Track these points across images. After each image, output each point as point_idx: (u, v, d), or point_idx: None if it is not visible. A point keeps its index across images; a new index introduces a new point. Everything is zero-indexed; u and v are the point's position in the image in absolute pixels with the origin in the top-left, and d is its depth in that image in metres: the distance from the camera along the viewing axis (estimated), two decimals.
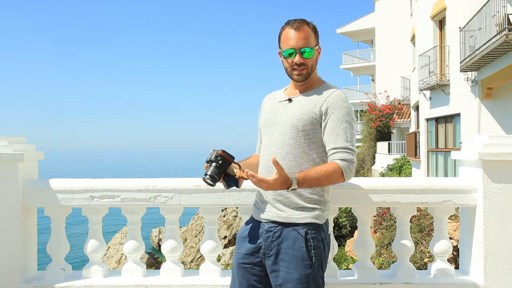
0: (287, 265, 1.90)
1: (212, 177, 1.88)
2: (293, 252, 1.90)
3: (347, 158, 1.88)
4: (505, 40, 8.99)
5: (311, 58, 1.98)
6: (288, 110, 2.01)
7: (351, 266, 5.11)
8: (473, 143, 2.43)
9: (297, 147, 1.94)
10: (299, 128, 1.94)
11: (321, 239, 1.94)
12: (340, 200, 2.40)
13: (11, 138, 2.44)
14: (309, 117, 1.94)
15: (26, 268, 2.50)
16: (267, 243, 1.96)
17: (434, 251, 2.50)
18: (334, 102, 1.94)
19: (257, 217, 2.04)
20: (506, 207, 2.33)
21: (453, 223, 7.63)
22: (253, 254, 2.00)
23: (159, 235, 21.68)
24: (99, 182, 2.47)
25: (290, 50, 1.97)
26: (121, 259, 16.89)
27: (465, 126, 12.50)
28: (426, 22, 15.71)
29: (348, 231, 14.16)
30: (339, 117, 1.92)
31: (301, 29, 1.97)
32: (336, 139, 1.90)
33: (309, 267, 1.89)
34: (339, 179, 1.89)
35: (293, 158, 1.94)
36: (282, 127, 1.99)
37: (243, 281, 2.02)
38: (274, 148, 1.99)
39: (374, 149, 24.37)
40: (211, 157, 1.89)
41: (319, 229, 1.95)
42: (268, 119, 2.08)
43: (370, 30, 30.68)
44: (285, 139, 1.96)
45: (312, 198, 1.94)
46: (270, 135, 2.03)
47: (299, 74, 1.99)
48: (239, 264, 2.03)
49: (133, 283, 2.46)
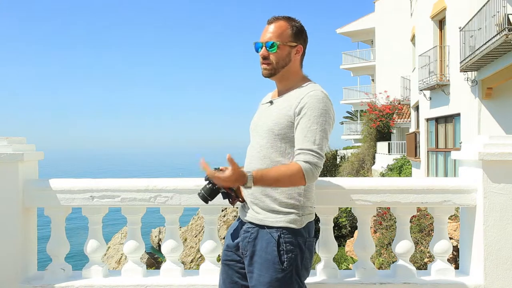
0: (259, 267, 1.88)
1: (204, 197, 1.86)
2: (265, 255, 1.87)
3: (310, 161, 1.80)
4: (505, 40, 8.99)
5: (276, 53, 1.93)
6: (268, 114, 1.99)
7: (351, 266, 5.11)
8: (473, 143, 2.43)
9: (274, 151, 1.92)
10: (275, 132, 1.91)
11: (297, 244, 1.89)
12: (340, 200, 2.40)
13: (11, 138, 2.44)
14: (285, 121, 1.90)
15: (26, 268, 2.50)
16: (244, 243, 1.95)
17: (434, 251, 2.50)
18: (308, 102, 1.86)
19: (240, 216, 2.06)
20: (506, 207, 2.33)
21: (453, 223, 7.63)
22: (235, 252, 2.01)
23: (159, 235, 21.69)
24: (99, 182, 2.47)
25: (258, 43, 1.95)
26: (121, 259, 16.90)
27: (465, 126, 12.50)
28: (426, 22, 15.71)
29: (348, 231, 14.17)
30: (310, 118, 1.85)
31: (273, 23, 1.94)
32: (303, 140, 1.84)
33: (280, 272, 1.85)
34: (299, 181, 1.82)
35: (269, 161, 1.91)
36: (261, 130, 1.97)
37: (226, 278, 2.03)
38: (253, 151, 1.98)
39: (374, 149, 24.38)
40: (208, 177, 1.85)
41: (295, 234, 1.90)
42: (253, 122, 2.08)
43: (370, 30, 30.67)
44: (263, 143, 1.94)
45: (287, 203, 1.90)
46: (253, 138, 2.03)
47: (264, 68, 1.96)
48: (223, 261, 2.06)
49: (133, 283, 2.46)
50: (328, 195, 2.38)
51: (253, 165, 1.95)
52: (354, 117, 34.54)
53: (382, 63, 28.43)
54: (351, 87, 34.39)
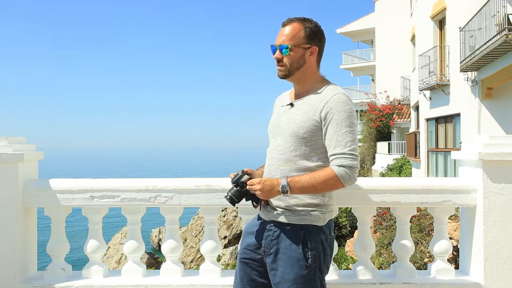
0: (284, 265, 1.91)
1: (232, 199, 1.96)
2: (290, 253, 1.91)
3: (344, 164, 1.85)
4: (505, 40, 8.99)
5: (289, 56, 1.95)
6: (290, 116, 2.00)
7: (351, 266, 5.11)
8: (473, 143, 2.43)
9: (297, 154, 1.94)
10: (300, 136, 1.93)
11: (320, 241, 1.94)
12: (340, 200, 2.40)
13: (11, 138, 2.44)
14: (310, 124, 1.92)
15: (26, 268, 2.50)
16: (267, 242, 1.98)
17: (434, 251, 2.50)
18: (333, 106, 1.90)
19: (261, 215, 2.06)
20: (506, 207, 2.33)
21: (453, 223, 7.63)
22: (255, 251, 2.03)
23: (159, 235, 21.68)
24: (99, 182, 2.47)
25: (273, 46, 1.98)
26: (121, 259, 16.89)
27: (465, 126, 12.50)
28: (426, 22, 15.71)
29: (348, 231, 14.17)
30: (338, 122, 1.88)
31: (286, 26, 1.96)
32: (335, 145, 1.88)
33: (305, 268, 1.89)
34: (336, 185, 1.87)
35: (293, 164, 1.93)
36: (283, 133, 1.98)
37: (244, 276, 2.04)
38: (275, 153, 1.99)
39: (374, 149, 24.38)
40: (236, 180, 1.96)
41: (318, 231, 1.95)
42: (273, 123, 2.08)
43: (370, 30, 30.67)
44: (286, 146, 1.96)
45: (311, 203, 1.94)
46: (274, 140, 2.04)
47: (278, 70, 2.00)
48: (241, 259, 2.07)
49: (133, 283, 2.46)
50: None
51: (274, 167, 1.97)
52: None
53: (382, 63, 28.42)
54: (351, 87, 34.37)
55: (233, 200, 1.95)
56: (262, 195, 1.90)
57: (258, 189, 1.88)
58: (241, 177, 1.95)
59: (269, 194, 1.89)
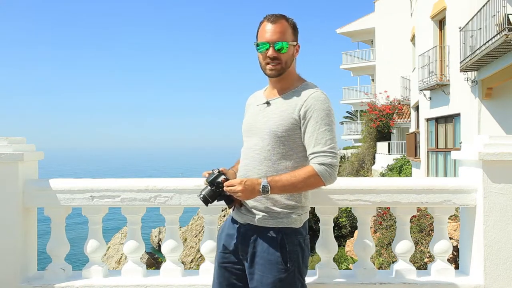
0: (261, 269, 1.88)
1: (206, 199, 1.88)
2: (268, 256, 1.87)
3: (324, 162, 1.82)
4: (505, 40, 8.99)
5: (285, 53, 1.91)
6: (267, 115, 1.96)
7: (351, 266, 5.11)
8: (473, 143, 2.43)
9: (275, 153, 1.90)
10: (278, 134, 1.89)
11: (297, 243, 1.91)
12: (340, 200, 2.40)
13: (11, 138, 2.44)
14: (288, 123, 1.89)
15: (26, 268, 2.50)
16: (243, 246, 1.94)
17: (434, 251, 2.50)
18: (312, 104, 1.87)
19: (236, 217, 2.02)
20: (506, 207, 2.33)
21: (453, 223, 7.63)
22: (232, 254, 1.99)
23: (159, 235, 21.69)
24: (99, 182, 2.47)
25: (264, 43, 1.91)
26: (121, 259, 16.90)
27: (465, 126, 12.50)
28: (426, 22, 15.71)
29: (348, 231, 14.18)
30: (318, 120, 1.86)
31: (277, 23, 1.91)
32: (314, 143, 1.86)
33: (283, 271, 1.86)
34: (317, 183, 1.84)
35: (271, 164, 1.90)
36: (261, 132, 1.94)
37: (223, 281, 2.01)
38: (252, 153, 1.95)
39: (374, 149, 24.37)
40: (212, 180, 1.88)
41: (296, 233, 1.91)
42: (248, 123, 2.04)
43: (370, 30, 30.67)
44: (264, 145, 1.92)
45: (288, 204, 1.91)
46: (249, 140, 2.00)
47: (272, 69, 1.93)
48: (219, 264, 2.03)
49: (133, 283, 2.46)
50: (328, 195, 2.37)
51: (251, 167, 1.93)
52: (354, 117, 34.54)
53: (382, 63, 28.42)
54: (351, 87, 34.38)
55: (207, 200, 1.88)
56: (242, 196, 1.82)
57: (239, 190, 1.79)
58: (218, 177, 1.88)
59: (250, 195, 1.82)
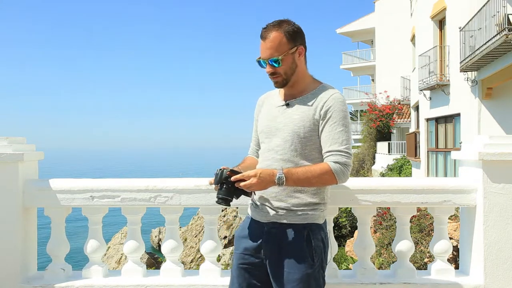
0: (288, 266, 1.90)
1: (225, 199, 1.85)
2: (295, 253, 1.91)
3: (339, 161, 1.87)
4: (505, 40, 9.00)
5: (282, 66, 1.94)
6: (288, 116, 1.99)
7: (351, 266, 5.11)
8: (473, 143, 2.43)
9: (298, 154, 1.94)
10: (301, 135, 1.94)
11: (321, 239, 1.96)
12: (340, 200, 2.40)
13: (11, 138, 2.44)
14: (310, 123, 1.94)
15: (26, 268, 2.50)
16: (268, 244, 1.96)
17: (434, 251, 2.50)
18: (333, 105, 1.93)
19: (257, 217, 2.02)
20: (506, 207, 2.33)
21: (453, 223, 7.63)
22: (253, 255, 1.99)
23: (159, 235, 21.69)
24: (99, 182, 2.47)
25: (259, 61, 1.96)
26: (121, 259, 16.90)
27: (465, 126, 12.51)
28: (426, 22, 15.72)
29: (348, 231, 14.16)
30: (336, 121, 1.92)
31: (266, 38, 1.92)
32: (331, 142, 1.91)
33: (310, 267, 1.90)
34: (330, 180, 1.88)
35: (293, 165, 1.93)
36: (282, 133, 1.97)
37: (243, 282, 2.01)
38: (274, 154, 1.97)
39: (374, 149, 24.37)
40: (221, 178, 1.84)
41: (319, 229, 1.97)
42: (266, 125, 2.05)
43: (370, 30, 30.67)
44: (286, 146, 1.95)
45: (311, 201, 1.95)
46: (270, 141, 2.01)
47: (275, 82, 1.99)
48: (239, 265, 2.02)
49: (133, 283, 2.46)
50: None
51: (274, 168, 1.93)
52: (354, 117, 34.55)
53: (382, 63, 28.43)
54: (351, 87, 34.41)
55: (227, 200, 1.85)
56: (257, 187, 1.82)
57: (254, 183, 1.80)
58: (222, 174, 1.85)
59: (265, 185, 1.84)
